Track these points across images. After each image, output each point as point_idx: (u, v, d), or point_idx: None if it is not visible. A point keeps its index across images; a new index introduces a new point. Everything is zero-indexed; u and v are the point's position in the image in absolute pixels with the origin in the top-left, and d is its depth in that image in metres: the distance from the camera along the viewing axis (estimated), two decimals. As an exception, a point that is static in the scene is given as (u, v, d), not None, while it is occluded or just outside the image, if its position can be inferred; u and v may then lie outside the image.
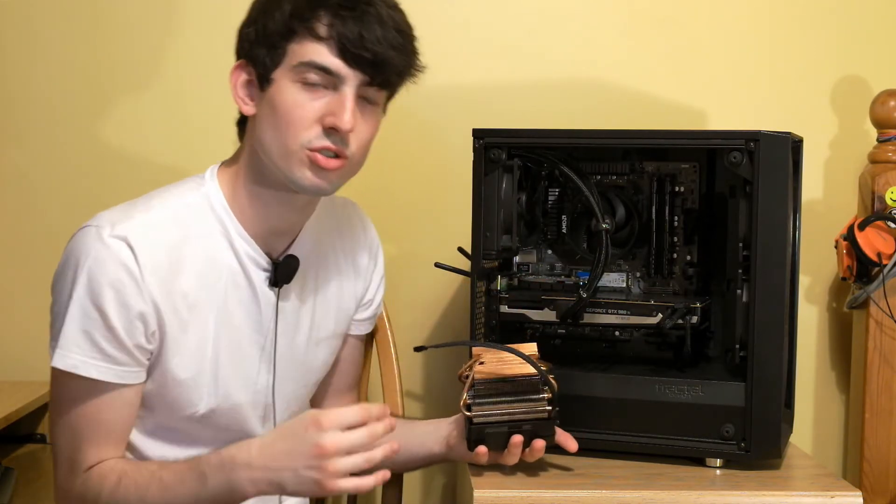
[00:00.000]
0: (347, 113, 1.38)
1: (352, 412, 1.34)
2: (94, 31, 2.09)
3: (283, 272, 1.51)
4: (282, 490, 1.35)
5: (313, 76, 1.39)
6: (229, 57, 1.48)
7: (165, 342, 1.43)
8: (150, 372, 1.45)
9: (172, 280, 1.42)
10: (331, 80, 1.39)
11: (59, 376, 1.42)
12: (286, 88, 1.40)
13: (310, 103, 1.39)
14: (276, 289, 1.52)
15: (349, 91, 1.39)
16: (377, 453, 1.34)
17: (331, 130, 1.39)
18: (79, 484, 1.44)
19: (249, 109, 1.44)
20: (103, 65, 2.09)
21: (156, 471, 1.41)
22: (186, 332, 1.45)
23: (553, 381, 1.53)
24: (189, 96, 2.09)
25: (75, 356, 1.39)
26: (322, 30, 1.38)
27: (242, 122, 1.50)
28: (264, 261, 1.50)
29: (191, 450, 1.49)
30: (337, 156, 1.41)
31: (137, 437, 1.50)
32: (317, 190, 1.43)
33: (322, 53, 1.38)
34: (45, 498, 1.96)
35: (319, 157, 1.40)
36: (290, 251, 1.54)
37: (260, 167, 1.45)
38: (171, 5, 2.09)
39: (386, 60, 1.39)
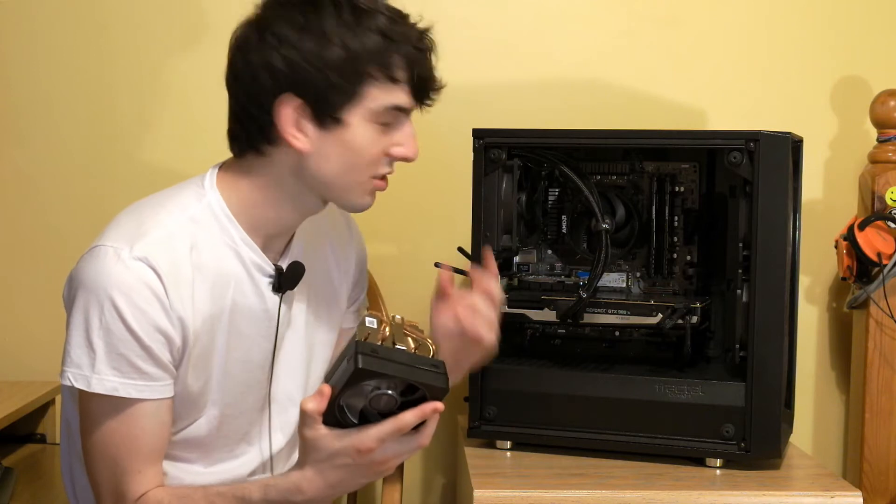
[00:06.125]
0: (415, 143, 1.44)
1: (387, 428, 1.31)
2: (96, 33, 2.08)
3: (288, 279, 1.51)
4: (345, 492, 1.43)
5: (390, 117, 1.42)
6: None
7: (185, 357, 1.43)
8: None
9: (191, 296, 1.41)
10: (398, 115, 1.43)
11: (93, 402, 1.40)
12: (364, 130, 1.40)
13: (381, 138, 1.42)
14: (280, 294, 1.51)
15: (410, 121, 1.44)
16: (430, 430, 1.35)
17: (394, 158, 1.44)
18: None
19: (304, 146, 1.40)
20: (105, 67, 2.09)
21: (199, 500, 1.40)
22: (198, 346, 1.44)
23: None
24: (191, 97, 2.09)
25: (114, 379, 1.37)
26: (400, 74, 1.39)
27: (239, 138, 1.45)
28: (269, 267, 1.49)
29: (198, 465, 1.50)
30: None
31: None
32: (365, 208, 1.48)
33: (402, 97, 1.41)
34: (45, 498, 1.96)
35: (380, 182, 1.46)
36: (288, 252, 1.53)
37: (293, 194, 1.45)
38: (173, 8, 2.09)
39: (438, 92, 1.46)
